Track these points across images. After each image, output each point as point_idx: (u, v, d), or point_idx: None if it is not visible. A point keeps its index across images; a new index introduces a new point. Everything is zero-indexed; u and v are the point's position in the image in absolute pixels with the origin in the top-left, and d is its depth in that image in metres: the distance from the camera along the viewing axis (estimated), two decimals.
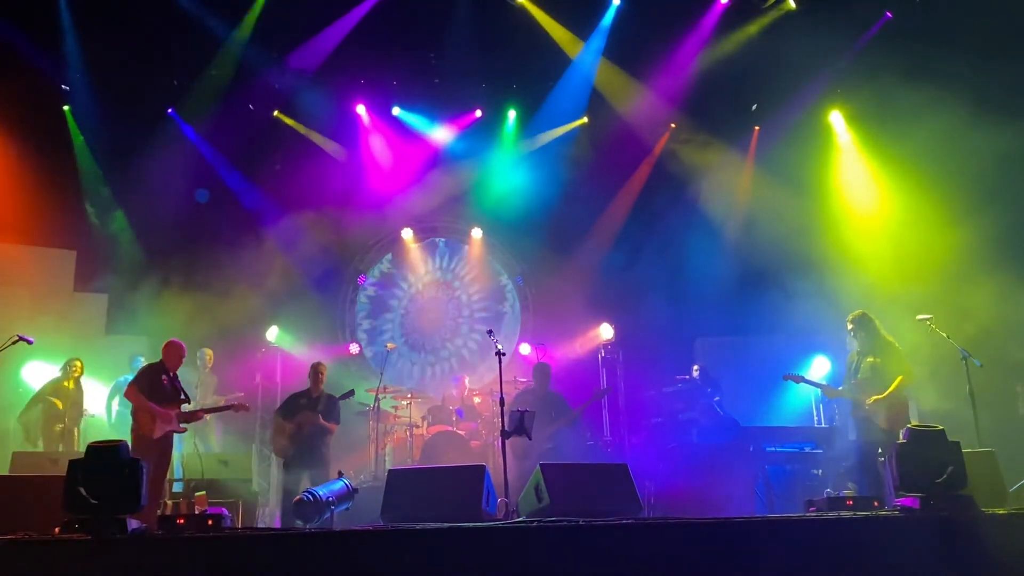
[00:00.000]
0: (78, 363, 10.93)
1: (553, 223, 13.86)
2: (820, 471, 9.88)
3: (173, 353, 8.56)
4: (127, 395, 8.29)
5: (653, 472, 9.84)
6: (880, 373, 8.33)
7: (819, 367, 11.88)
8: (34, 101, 12.17)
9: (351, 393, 9.82)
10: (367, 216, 13.91)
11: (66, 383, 10.83)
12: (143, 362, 10.55)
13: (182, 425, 8.38)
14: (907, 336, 8.87)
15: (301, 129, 13.95)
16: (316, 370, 9.61)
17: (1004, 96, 10.16)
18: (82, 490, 5.21)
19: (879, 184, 12.28)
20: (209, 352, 11.81)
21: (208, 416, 9.48)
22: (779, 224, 12.45)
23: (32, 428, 10.73)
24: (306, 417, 9.20)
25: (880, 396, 8.19)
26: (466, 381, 12.10)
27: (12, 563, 4.69)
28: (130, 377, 9.24)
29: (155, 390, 8.23)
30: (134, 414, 8.15)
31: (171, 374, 8.47)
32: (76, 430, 10.88)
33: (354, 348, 13.94)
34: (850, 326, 8.58)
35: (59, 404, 10.74)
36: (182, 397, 8.45)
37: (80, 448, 10.15)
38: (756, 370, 12.04)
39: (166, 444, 8.23)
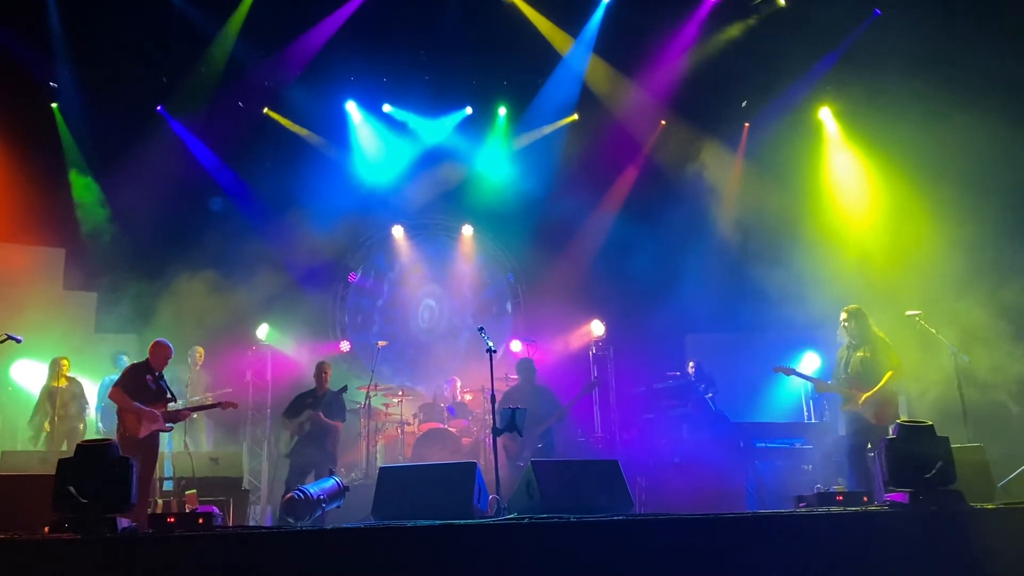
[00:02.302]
0: (64, 361, 10.85)
1: (544, 220, 13.88)
2: (810, 466, 9.92)
3: (159, 353, 8.51)
4: (111, 396, 8.23)
5: (644, 468, 9.87)
6: (870, 368, 8.37)
7: (809, 363, 11.93)
8: (21, 98, 12.11)
9: (344, 389, 9.91)
10: (358, 213, 13.90)
11: (54, 383, 10.75)
12: (126, 360, 10.55)
13: (168, 424, 8.32)
14: (896, 332, 8.91)
15: (291, 126, 13.91)
16: (321, 369, 9.82)
17: (997, 92, 10.20)
18: (72, 489, 5.19)
19: (869, 180, 12.32)
20: (200, 350, 11.79)
21: (195, 414, 9.46)
22: (769, 220, 12.51)
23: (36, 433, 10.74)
24: (308, 416, 9.31)
25: (870, 393, 8.23)
26: (458, 384, 12.08)
27: (1, 563, 4.67)
28: (115, 377, 9.20)
29: (140, 390, 8.18)
30: (119, 414, 8.10)
31: (156, 374, 8.41)
32: (80, 427, 10.82)
33: (345, 346, 13.92)
34: (844, 316, 8.59)
35: (48, 406, 10.68)
36: (168, 396, 8.39)
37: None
38: (746, 366, 12.09)
39: (152, 443, 8.18)
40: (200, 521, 5.50)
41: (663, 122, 14.15)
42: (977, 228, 9.93)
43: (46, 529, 5.10)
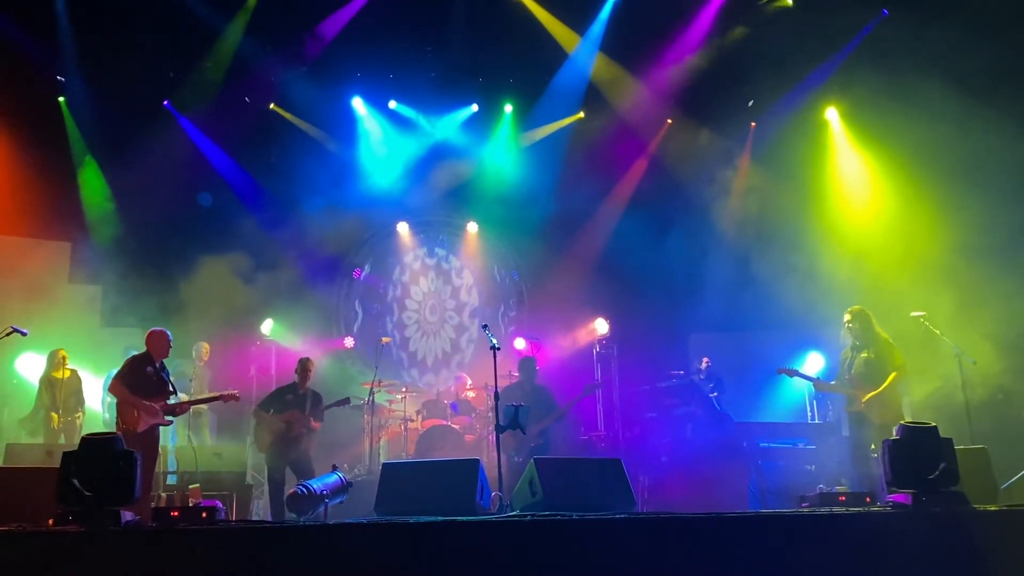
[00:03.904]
0: (61, 352, 10.81)
1: (549, 218, 13.87)
2: (813, 467, 9.92)
3: (158, 342, 8.31)
4: (111, 388, 8.16)
5: (647, 467, 9.88)
6: (874, 368, 8.36)
7: (813, 363, 11.91)
8: (29, 92, 12.13)
9: (346, 401, 9.77)
10: (363, 210, 13.89)
11: (55, 374, 10.77)
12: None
13: (167, 418, 8.18)
14: (901, 332, 8.89)
15: (297, 122, 13.91)
16: (304, 366, 9.51)
17: (1006, 90, 10.18)
18: (76, 482, 5.21)
19: (875, 180, 12.30)
20: (205, 346, 11.81)
21: (199, 408, 9.40)
22: (774, 219, 12.49)
23: (34, 424, 10.73)
24: (294, 416, 9.12)
25: (874, 392, 8.22)
26: (468, 381, 12.08)
27: (6, 555, 4.69)
28: None
29: (140, 382, 8.06)
30: (118, 407, 8.01)
31: (157, 365, 8.25)
32: (78, 421, 10.84)
33: (349, 342, 13.92)
34: (847, 317, 8.58)
35: (50, 396, 10.70)
36: (169, 389, 8.26)
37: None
38: (750, 366, 12.09)
39: (152, 437, 8.01)
40: (203, 515, 5.52)
41: (669, 120, 14.13)
42: (984, 229, 9.90)
43: (50, 521, 5.13)
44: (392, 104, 14.14)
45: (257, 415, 9.42)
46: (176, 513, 5.56)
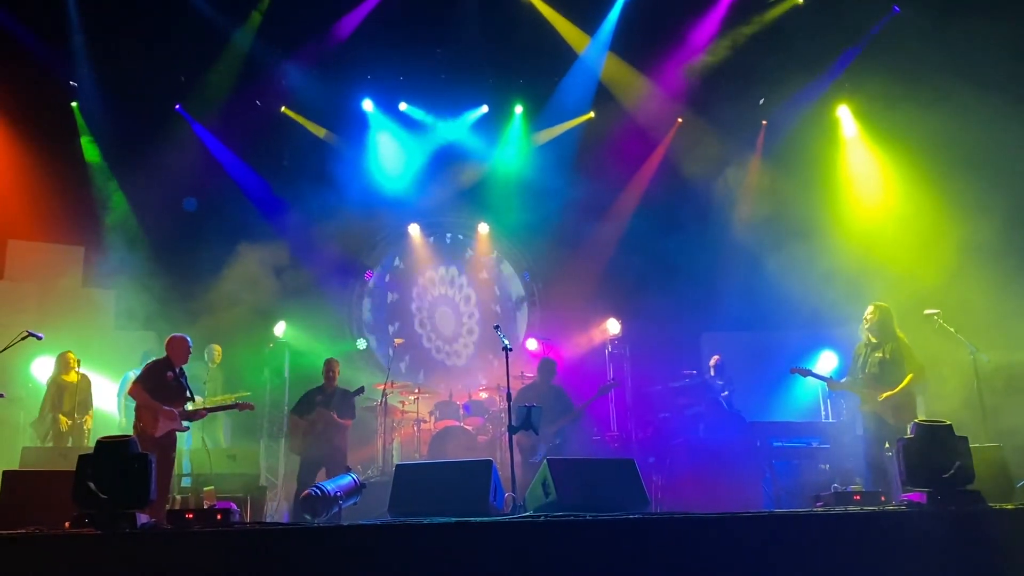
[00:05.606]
0: (70, 355, 10.74)
1: (560, 218, 13.86)
2: (827, 466, 9.88)
3: (178, 348, 8.42)
4: (131, 392, 8.20)
5: (660, 467, 9.85)
6: (888, 369, 8.28)
7: (826, 362, 11.86)
8: (42, 97, 12.22)
9: (361, 390, 9.86)
10: (374, 212, 13.93)
11: (65, 376, 10.79)
12: (151, 358, 10.57)
13: (184, 423, 8.26)
14: (916, 329, 8.83)
15: (308, 125, 13.96)
16: (329, 367, 9.75)
17: (1017, 88, 10.12)
18: (91, 485, 5.24)
19: (887, 178, 12.25)
20: (218, 348, 11.83)
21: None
22: (786, 218, 12.45)
23: (41, 427, 10.75)
24: (320, 414, 9.31)
25: (890, 392, 8.16)
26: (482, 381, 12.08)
27: (23, 557, 4.72)
28: (138, 371, 9.22)
29: (160, 387, 8.12)
30: (137, 411, 8.06)
31: (176, 370, 8.34)
32: (86, 424, 10.87)
33: (361, 343, 13.93)
34: (871, 310, 8.45)
35: (58, 399, 10.71)
36: (187, 395, 8.33)
37: (89, 443, 10.11)
38: (763, 365, 12.03)
39: (168, 442, 8.08)
40: (218, 517, 5.54)
41: (679, 120, 14.11)
42: (999, 225, 9.84)
43: (67, 524, 5.16)
44: (402, 106, 14.18)
45: (290, 419, 9.69)
46: (191, 515, 5.57)
